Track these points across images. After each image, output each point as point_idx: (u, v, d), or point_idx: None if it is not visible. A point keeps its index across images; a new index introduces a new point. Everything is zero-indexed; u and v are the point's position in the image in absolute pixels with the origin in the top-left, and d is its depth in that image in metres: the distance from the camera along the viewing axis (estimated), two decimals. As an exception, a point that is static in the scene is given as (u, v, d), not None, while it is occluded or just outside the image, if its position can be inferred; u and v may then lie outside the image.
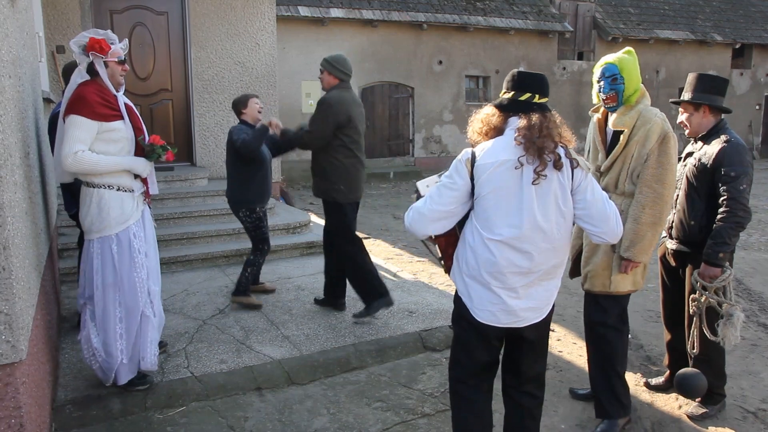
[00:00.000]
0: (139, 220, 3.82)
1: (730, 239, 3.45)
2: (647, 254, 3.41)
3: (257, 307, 5.42)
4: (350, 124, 4.89)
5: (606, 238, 2.71)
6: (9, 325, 2.59)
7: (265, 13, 9.00)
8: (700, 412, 3.83)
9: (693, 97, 3.69)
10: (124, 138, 3.71)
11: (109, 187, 3.67)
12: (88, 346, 3.80)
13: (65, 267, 5.94)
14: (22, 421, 2.70)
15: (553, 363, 4.62)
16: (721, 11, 20.67)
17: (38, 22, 6.23)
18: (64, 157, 3.51)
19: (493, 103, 2.78)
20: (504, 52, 16.90)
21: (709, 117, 3.69)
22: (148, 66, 8.51)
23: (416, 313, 5.34)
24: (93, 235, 3.71)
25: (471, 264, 2.69)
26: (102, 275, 3.71)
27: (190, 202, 7.68)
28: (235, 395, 4.06)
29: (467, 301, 2.76)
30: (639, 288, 3.57)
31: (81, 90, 3.59)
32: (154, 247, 4.01)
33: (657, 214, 3.34)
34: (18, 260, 2.71)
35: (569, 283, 6.51)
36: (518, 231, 2.58)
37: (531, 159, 2.56)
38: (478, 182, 2.60)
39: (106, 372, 3.81)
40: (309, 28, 14.54)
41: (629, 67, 3.41)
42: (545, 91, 2.72)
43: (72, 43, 3.66)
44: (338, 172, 4.94)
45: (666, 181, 3.34)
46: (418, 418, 3.83)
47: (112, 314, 3.74)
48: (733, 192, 3.44)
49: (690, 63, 19.36)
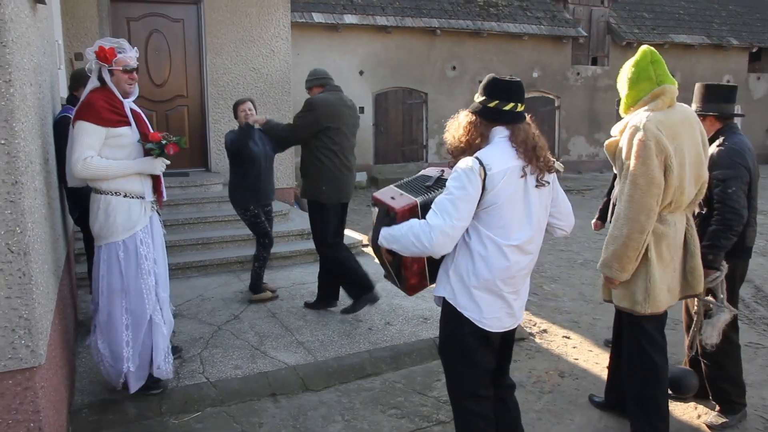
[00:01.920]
0: (147, 226, 3.81)
1: (720, 241, 3.48)
2: (610, 269, 3.26)
3: (274, 298, 5.77)
4: (333, 124, 4.95)
5: (567, 230, 2.96)
6: (28, 330, 2.62)
7: (279, 19, 9.05)
8: (720, 421, 3.78)
9: (702, 108, 3.72)
10: (132, 143, 3.72)
11: (116, 194, 3.67)
12: (97, 351, 3.83)
13: (82, 272, 5.98)
14: (41, 425, 2.72)
15: (569, 371, 4.59)
16: (737, 15, 20.49)
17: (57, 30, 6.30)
18: (74, 163, 3.55)
19: (474, 109, 2.75)
20: (517, 58, 16.85)
21: (717, 124, 3.72)
22: (164, 72, 8.59)
23: (431, 320, 5.33)
24: (101, 241, 3.73)
25: (482, 275, 2.68)
26: (108, 281, 3.72)
27: (204, 207, 7.73)
28: (250, 401, 4.07)
29: (473, 314, 2.73)
30: (638, 311, 3.32)
31: (90, 97, 3.65)
32: (163, 254, 4.01)
33: (618, 228, 3.20)
34: (37, 265, 2.74)
35: (584, 290, 6.49)
36: (530, 233, 2.69)
37: (533, 168, 2.66)
38: (492, 191, 2.59)
39: (112, 377, 3.83)
40: (323, 35, 14.58)
41: (621, 74, 3.42)
42: (524, 98, 2.75)
43: (87, 50, 3.72)
44: (321, 173, 5.03)
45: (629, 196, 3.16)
46: (432, 426, 3.82)
47: (118, 321, 3.74)
48: (721, 195, 3.47)
49: (706, 67, 19.20)
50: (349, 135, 5.15)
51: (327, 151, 5.02)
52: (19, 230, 2.55)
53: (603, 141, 15.47)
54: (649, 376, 3.44)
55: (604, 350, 4.92)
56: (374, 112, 15.52)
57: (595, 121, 17.79)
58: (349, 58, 14.97)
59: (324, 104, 4.97)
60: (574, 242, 8.77)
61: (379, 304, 5.67)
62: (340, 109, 5.05)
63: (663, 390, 3.48)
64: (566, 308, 6.02)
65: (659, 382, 3.45)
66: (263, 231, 5.72)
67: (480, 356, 2.83)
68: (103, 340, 3.77)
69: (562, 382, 4.41)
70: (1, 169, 2.50)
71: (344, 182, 5.15)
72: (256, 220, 5.66)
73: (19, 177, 2.54)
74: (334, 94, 5.11)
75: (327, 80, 5.20)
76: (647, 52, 3.33)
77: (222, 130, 8.84)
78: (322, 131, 4.97)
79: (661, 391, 3.47)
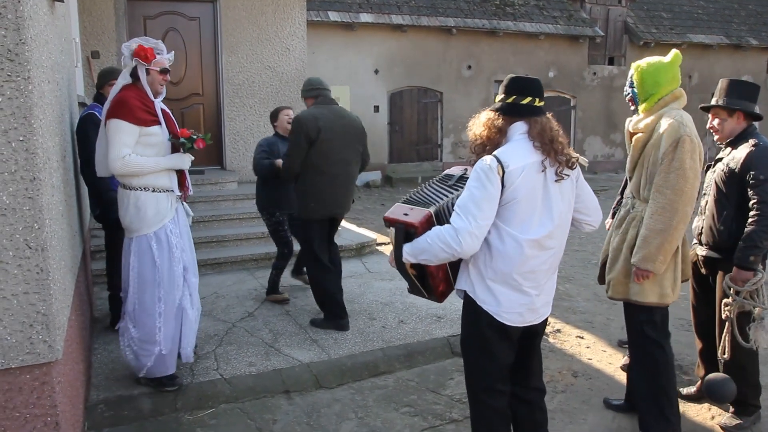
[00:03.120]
0: (174, 217, 3.96)
1: (761, 242, 3.42)
2: (654, 263, 3.29)
3: (285, 302, 5.72)
4: (318, 138, 4.79)
5: (595, 226, 2.97)
6: (46, 325, 2.64)
7: (295, 18, 9.07)
8: (734, 423, 3.75)
9: (728, 103, 3.64)
10: (161, 142, 3.87)
11: (145, 189, 3.81)
12: (126, 336, 3.93)
13: (98, 269, 6.04)
14: (58, 420, 2.75)
15: (582, 371, 4.57)
16: (757, 15, 20.26)
17: (75, 28, 6.37)
18: (113, 161, 3.68)
19: (493, 107, 2.82)
20: (533, 57, 16.78)
21: (742, 123, 3.66)
22: (180, 70, 8.63)
23: (444, 318, 5.32)
24: (132, 234, 3.87)
25: (500, 269, 2.70)
26: (138, 272, 3.86)
27: (220, 205, 7.77)
28: (263, 398, 4.09)
29: (492, 307, 2.75)
30: (666, 302, 3.43)
31: (123, 94, 3.76)
32: (190, 241, 4.16)
33: (666, 221, 3.24)
34: (55, 262, 2.77)
35: (598, 290, 6.45)
36: (550, 228, 2.69)
37: (551, 162, 2.67)
38: (510, 188, 2.61)
39: (140, 360, 3.91)
40: (338, 33, 14.60)
41: (641, 71, 3.45)
42: (542, 94, 2.79)
43: (124, 46, 3.86)
44: (307, 189, 4.91)
45: (678, 188, 3.22)
46: (446, 424, 3.82)
47: (151, 309, 3.87)
48: (763, 195, 3.41)
49: (724, 68, 19.01)
50: (341, 147, 4.93)
51: (312, 166, 4.86)
52: (37, 226, 2.58)
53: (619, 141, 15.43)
54: (661, 369, 3.46)
55: (618, 351, 4.90)
56: (389, 111, 15.53)
57: (611, 121, 17.67)
58: (364, 57, 14.98)
59: (306, 121, 4.79)
60: (589, 242, 8.72)
61: (393, 302, 5.69)
62: (328, 122, 4.85)
63: (674, 383, 3.53)
64: (580, 308, 5.99)
65: (671, 375, 3.50)
66: (284, 240, 5.72)
67: (498, 350, 2.83)
68: (135, 325, 3.90)
69: (575, 382, 4.39)
70: (20, 166, 2.52)
71: (332, 197, 4.97)
72: (279, 228, 5.66)
73: (37, 173, 2.57)
74: (323, 108, 4.94)
75: (320, 91, 5.04)
76: (679, 55, 3.47)
77: (237, 129, 8.89)
78: (310, 147, 4.82)
79: (673, 384, 3.51)
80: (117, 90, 3.81)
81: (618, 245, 3.55)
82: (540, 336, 3.00)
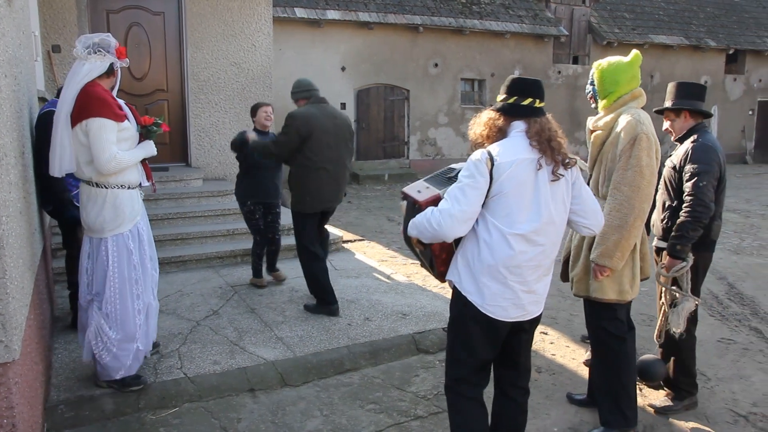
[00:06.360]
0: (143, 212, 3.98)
1: (688, 233, 3.59)
2: (611, 259, 3.34)
3: (263, 287, 6.08)
4: (312, 135, 5.05)
5: (594, 230, 2.95)
6: (2, 325, 2.59)
7: (261, 14, 9.00)
8: (664, 405, 3.97)
9: (675, 104, 3.86)
10: (133, 135, 3.85)
11: (122, 187, 3.78)
12: (99, 339, 3.82)
13: (59, 267, 5.92)
14: (14, 422, 2.69)
15: (546, 366, 4.64)
16: (715, 17, 20.77)
17: (34, 21, 6.22)
18: (106, 162, 3.62)
19: (495, 107, 2.88)
20: (499, 56, 16.94)
21: (690, 121, 3.84)
22: (144, 66, 8.50)
23: (410, 316, 5.35)
24: (106, 233, 3.77)
25: (486, 261, 2.74)
26: (119, 271, 3.79)
27: (184, 202, 7.67)
28: (228, 396, 4.06)
29: (476, 299, 2.79)
30: (626, 299, 3.49)
31: (97, 91, 3.66)
32: (149, 233, 4.14)
33: (623, 218, 3.29)
34: (12, 260, 2.71)
35: (562, 287, 6.54)
36: (537, 224, 2.71)
37: (548, 160, 2.72)
38: (498, 180, 2.67)
39: (120, 360, 3.85)
40: (305, 30, 14.54)
41: (601, 70, 3.53)
42: (543, 95, 2.85)
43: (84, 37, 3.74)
44: (303, 184, 5.17)
45: (635, 185, 3.28)
46: (411, 420, 3.84)
47: (131, 308, 3.85)
48: (693, 188, 3.59)
49: (684, 68, 19.45)
50: (333, 145, 5.19)
51: (307, 162, 5.11)
52: (-7, 224, 2.52)
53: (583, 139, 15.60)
54: (622, 365, 3.56)
55: (581, 346, 4.98)
56: (356, 109, 15.52)
57: (575, 119, 17.92)
58: (331, 54, 14.94)
59: (301, 118, 5.06)
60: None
61: (359, 299, 5.71)
62: (321, 121, 5.11)
63: (634, 379, 3.64)
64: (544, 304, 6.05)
65: (631, 371, 3.60)
66: (254, 228, 6.04)
67: (479, 343, 2.87)
68: (112, 327, 3.83)
69: (539, 378, 4.45)
70: (-24, 162, 2.46)
71: (326, 192, 5.25)
72: (251, 216, 5.99)
73: (-6, 170, 2.51)
74: (316, 107, 5.21)
75: (311, 92, 5.33)
76: (639, 55, 3.57)
77: (202, 125, 8.80)
78: (304, 143, 5.05)
79: (633, 380, 3.61)
80: (81, 87, 3.63)
81: (579, 242, 3.63)
82: (528, 333, 3.00)
